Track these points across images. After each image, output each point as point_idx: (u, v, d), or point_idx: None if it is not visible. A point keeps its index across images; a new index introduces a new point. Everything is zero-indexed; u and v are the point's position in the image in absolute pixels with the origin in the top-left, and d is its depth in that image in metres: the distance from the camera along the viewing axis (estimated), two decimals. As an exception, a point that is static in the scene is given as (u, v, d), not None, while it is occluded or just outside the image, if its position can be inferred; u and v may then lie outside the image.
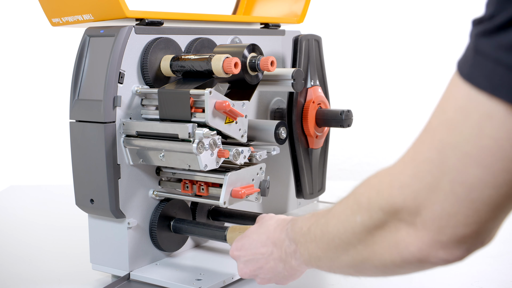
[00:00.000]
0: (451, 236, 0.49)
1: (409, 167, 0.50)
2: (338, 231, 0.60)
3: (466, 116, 0.45)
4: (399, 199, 0.51)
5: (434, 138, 0.48)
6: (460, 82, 0.46)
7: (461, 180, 0.46)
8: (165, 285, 0.95)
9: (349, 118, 1.21)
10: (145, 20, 0.98)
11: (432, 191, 0.48)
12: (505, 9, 0.43)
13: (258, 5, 1.34)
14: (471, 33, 0.46)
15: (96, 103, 0.94)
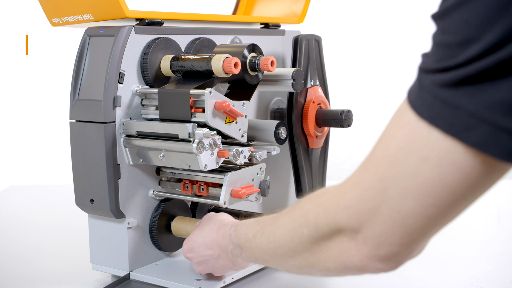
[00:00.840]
0: (387, 252, 0.56)
1: (354, 190, 0.57)
2: (286, 241, 0.66)
3: (405, 155, 0.52)
4: (344, 218, 0.58)
5: (378, 169, 0.54)
6: (408, 109, 0.52)
7: (398, 209, 0.53)
8: (165, 285, 0.95)
9: (349, 118, 1.21)
10: (145, 20, 0.98)
11: (373, 215, 0.55)
12: (442, 56, 0.48)
13: (258, 5, 1.34)
14: (419, 65, 0.52)
15: (96, 103, 0.94)
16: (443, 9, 0.49)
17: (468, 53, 0.46)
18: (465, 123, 0.47)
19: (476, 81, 0.46)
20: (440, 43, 0.49)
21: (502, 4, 0.45)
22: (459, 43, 0.47)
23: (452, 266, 1.07)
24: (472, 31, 0.46)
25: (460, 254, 1.16)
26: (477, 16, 0.46)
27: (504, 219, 1.39)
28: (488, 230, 1.33)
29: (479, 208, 1.42)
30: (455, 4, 0.48)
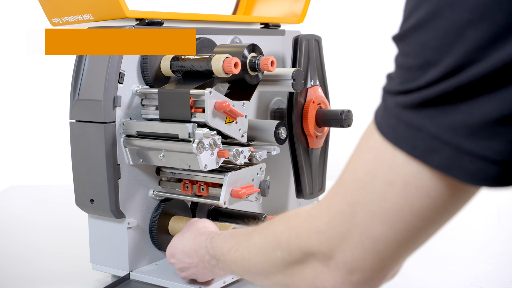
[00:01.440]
0: (360, 278, 0.56)
1: (325, 215, 0.57)
2: (259, 261, 0.66)
3: (372, 179, 0.52)
4: (315, 243, 0.57)
5: (347, 194, 0.54)
6: (374, 131, 0.52)
7: (368, 234, 0.53)
8: (165, 285, 0.95)
9: (349, 118, 1.21)
10: (145, 20, 0.98)
11: (344, 240, 0.55)
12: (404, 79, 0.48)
13: (258, 5, 1.34)
14: (383, 85, 0.52)
15: (96, 103, 0.94)
16: (402, 31, 0.49)
17: (428, 77, 0.46)
18: (428, 146, 0.47)
19: (437, 103, 0.46)
20: (401, 66, 0.49)
21: (458, 28, 0.44)
22: (419, 66, 0.47)
23: (452, 266, 1.07)
24: (431, 54, 0.46)
25: (460, 254, 1.16)
26: (434, 39, 0.46)
27: (504, 219, 1.39)
28: (488, 230, 1.33)
29: (479, 208, 1.42)
30: (413, 27, 0.47)
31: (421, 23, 0.47)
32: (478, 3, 0.43)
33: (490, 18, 0.43)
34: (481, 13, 0.43)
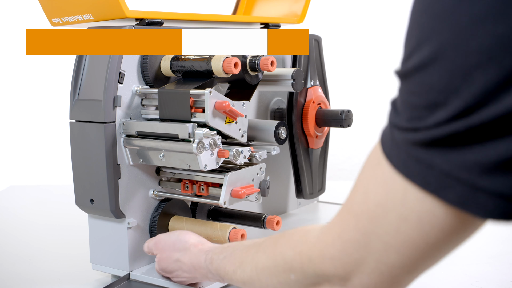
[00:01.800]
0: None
1: (337, 242, 0.57)
2: (272, 282, 0.67)
3: (384, 213, 0.52)
4: (330, 269, 0.58)
5: (358, 223, 0.54)
6: (383, 159, 0.51)
7: (384, 261, 0.53)
8: (165, 285, 0.95)
9: (349, 118, 1.21)
10: (145, 20, 0.98)
11: (360, 265, 0.55)
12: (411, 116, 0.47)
13: (258, 5, 1.34)
14: (389, 115, 0.51)
15: (96, 103, 0.94)
16: (405, 70, 0.48)
17: (436, 117, 0.45)
18: (441, 182, 0.46)
19: (448, 143, 0.45)
20: (407, 102, 0.48)
21: (465, 70, 0.43)
22: (426, 106, 0.46)
23: (452, 266, 1.07)
24: (437, 96, 0.45)
25: (460, 254, 1.16)
26: (440, 81, 0.44)
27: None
28: (488, 230, 1.33)
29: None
30: (417, 67, 0.46)
31: (425, 63, 0.46)
32: (485, 46, 0.42)
33: (498, 62, 0.42)
34: (488, 57, 0.42)
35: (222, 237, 0.96)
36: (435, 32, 0.45)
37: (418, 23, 0.47)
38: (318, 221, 1.27)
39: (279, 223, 1.02)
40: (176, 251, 0.89)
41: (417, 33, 0.47)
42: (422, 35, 0.46)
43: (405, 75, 0.48)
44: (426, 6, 0.46)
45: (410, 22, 0.49)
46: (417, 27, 0.47)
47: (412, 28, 0.48)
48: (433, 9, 0.45)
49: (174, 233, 0.92)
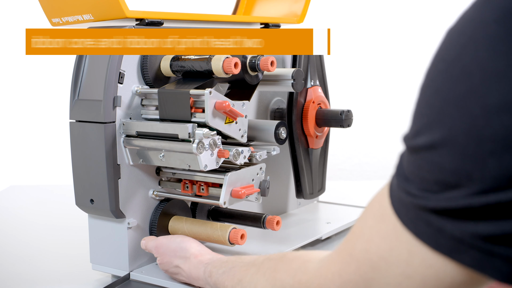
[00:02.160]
0: None
1: (337, 279, 0.56)
2: None
3: (388, 267, 0.50)
4: None
5: (359, 269, 0.53)
6: (390, 210, 0.50)
7: None
8: (165, 285, 0.95)
9: (349, 118, 1.21)
10: (145, 20, 0.98)
11: None
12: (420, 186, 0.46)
13: (258, 5, 1.34)
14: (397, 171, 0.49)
15: (96, 103, 0.94)
16: (414, 145, 0.47)
17: (448, 195, 0.44)
18: (454, 246, 0.45)
19: (460, 215, 0.44)
20: (416, 174, 0.47)
21: (479, 157, 0.42)
22: (436, 182, 0.45)
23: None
24: (448, 176, 0.44)
25: None
26: (451, 163, 0.43)
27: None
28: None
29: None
30: (427, 147, 0.45)
31: (435, 145, 0.45)
32: (500, 136, 0.41)
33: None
34: (503, 145, 0.41)
35: (222, 237, 0.96)
36: (447, 116, 0.44)
37: (429, 103, 0.46)
38: (318, 221, 1.27)
39: (279, 223, 1.02)
40: (177, 258, 0.91)
41: (428, 112, 0.46)
42: (433, 116, 0.45)
43: (414, 150, 0.47)
44: (439, 88, 0.45)
45: (421, 97, 0.47)
46: (428, 106, 0.46)
47: (423, 105, 0.47)
48: (446, 94, 0.44)
49: (176, 239, 0.93)
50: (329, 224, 1.24)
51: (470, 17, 0.44)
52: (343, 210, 1.36)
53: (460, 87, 0.43)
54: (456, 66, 0.44)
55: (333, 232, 1.21)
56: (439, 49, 0.47)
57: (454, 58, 0.44)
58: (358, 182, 1.98)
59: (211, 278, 0.82)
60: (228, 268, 0.79)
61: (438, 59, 0.46)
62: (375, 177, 2.30)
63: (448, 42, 0.46)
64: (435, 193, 0.45)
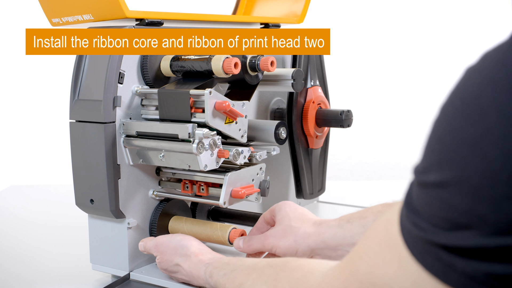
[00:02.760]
0: None
1: None
2: None
3: None
4: None
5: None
6: (399, 237, 0.49)
7: None
8: (165, 285, 0.95)
9: (349, 118, 1.21)
10: (145, 20, 0.98)
11: None
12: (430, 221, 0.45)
13: (258, 5, 1.34)
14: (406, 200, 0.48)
15: (96, 103, 0.94)
16: (424, 181, 0.46)
17: (458, 234, 0.43)
18: (465, 282, 0.43)
19: (472, 255, 0.43)
20: (425, 209, 0.46)
21: (493, 200, 0.41)
22: (445, 220, 0.44)
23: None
24: (458, 216, 0.43)
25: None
26: (462, 204, 0.42)
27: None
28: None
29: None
30: (437, 185, 0.44)
31: (447, 183, 0.43)
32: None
33: None
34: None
35: (222, 237, 0.96)
36: (460, 156, 0.43)
37: (442, 140, 0.45)
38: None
39: (279, 223, 1.02)
40: (177, 256, 0.90)
41: (440, 149, 0.45)
42: (445, 154, 0.44)
43: (424, 185, 0.46)
44: (454, 126, 0.44)
45: (434, 133, 0.46)
46: (441, 143, 0.45)
47: (435, 141, 0.46)
48: (461, 133, 0.43)
49: (176, 237, 0.92)
50: (329, 224, 1.24)
51: (493, 58, 0.44)
52: (343, 210, 1.36)
53: (476, 128, 0.42)
54: (473, 106, 0.43)
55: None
56: (457, 87, 0.45)
57: (471, 97, 0.43)
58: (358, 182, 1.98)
59: (211, 279, 0.82)
60: (229, 270, 0.79)
61: (455, 97, 0.45)
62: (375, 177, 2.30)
63: (467, 80, 0.45)
64: (445, 230, 0.44)
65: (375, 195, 1.62)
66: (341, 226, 0.85)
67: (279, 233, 0.89)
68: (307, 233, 0.87)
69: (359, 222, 0.84)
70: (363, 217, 0.84)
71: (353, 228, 0.84)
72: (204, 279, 0.85)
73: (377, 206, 0.85)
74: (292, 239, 0.87)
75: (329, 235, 0.85)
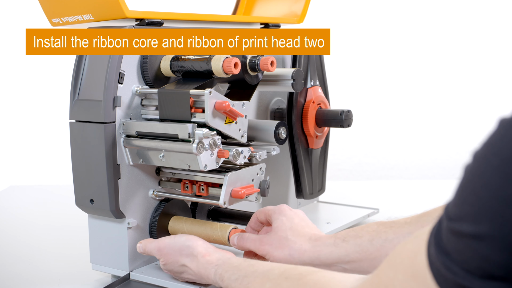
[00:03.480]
0: None
1: None
2: None
3: None
4: None
5: None
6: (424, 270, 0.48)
7: None
8: (165, 285, 0.95)
9: (349, 118, 1.21)
10: (145, 20, 0.98)
11: None
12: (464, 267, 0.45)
13: (258, 5, 1.34)
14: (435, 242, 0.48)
15: (96, 103, 0.94)
16: (457, 229, 0.45)
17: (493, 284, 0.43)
18: None
19: None
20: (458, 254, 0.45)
21: None
22: (479, 268, 0.43)
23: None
24: (493, 268, 0.43)
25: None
26: (498, 258, 0.42)
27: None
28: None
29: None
30: (471, 236, 0.44)
31: (483, 237, 0.43)
32: None
33: None
34: None
35: (222, 237, 0.96)
36: (497, 213, 0.43)
37: (477, 193, 0.44)
38: (318, 221, 1.27)
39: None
40: (183, 257, 0.90)
41: (475, 202, 0.44)
42: (481, 208, 0.44)
43: (456, 233, 0.46)
44: (490, 183, 0.44)
45: (468, 184, 0.46)
46: (476, 196, 0.44)
47: (470, 193, 0.45)
48: (497, 190, 0.43)
49: (180, 238, 0.92)
50: (329, 224, 1.24)
51: None
52: (343, 210, 1.36)
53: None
54: (511, 165, 0.43)
55: (333, 232, 1.21)
56: (492, 141, 0.45)
57: (509, 156, 0.43)
58: (358, 182, 1.98)
59: (222, 282, 0.82)
60: (240, 276, 0.78)
61: (492, 152, 0.45)
62: (375, 177, 2.30)
63: (504, 135, 0.44)
64: (479, 278, 0.44)
65: (375, 195, 1.62)
66: (336, 245, 0.86)
67: (275, 242, 0.90)
68: (302, 249, 0.88)
69: (355, 241, 0.85)
70: (359, 236, 0.85)
71: (348, 247, 0.85)
72: (214, 280, 0.85)
73: (372, 224, 0.86)
74: (288, 252, 0.88)
75: (324, 253, 0.86)
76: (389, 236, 0.83)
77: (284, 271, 0.72)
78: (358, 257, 0.84)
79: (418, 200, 1.56)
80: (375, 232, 0.84)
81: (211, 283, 0.86)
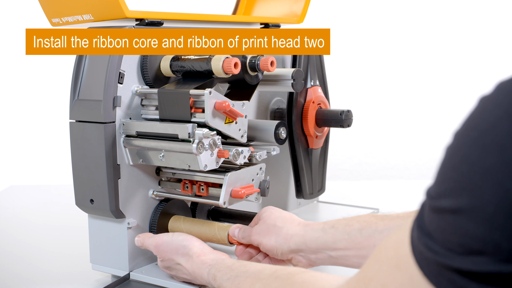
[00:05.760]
0: None
1: None
2: None
3: None
4: None
5: None
6: (410, 260, 0.49)
7: None
8: (165, 285, 0.95)
9: (349, 118, 1.21)
10: (145, 20, 0.98)
11: None
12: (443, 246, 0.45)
13: (258, 5, 1.34)
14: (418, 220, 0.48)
15: (96, 103, 0.94)
16: (437, 206, 0.46)
17: (472, 259, 0.43)
18: None
19: (485, 280, 0.43)
20: (438, 232, 0.46)
21: (509, 227, 0.41)
22: (459, 244, 0.44)
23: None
24: (473, 242, 0.43)
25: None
26: (477, 231, 0.43)
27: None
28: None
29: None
30: (451, 211, 0.44)
31: (462, 210, 0.44)
32: None
33: None
34: None
35: (221, 237, 0.96)
36: (475, 185, 0.43)
37: (456, 168, 0.45)
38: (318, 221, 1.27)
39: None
40: (178, 256, 0.90)
41: (454, 177, 0.45)
42: (459, 182, 0.44)
43: (437, 210, 0.46)
44: (468, 156, 0.44)
45: (447, 159, 0.47)
46: (455, 171, 0.45)
47: (449, 168, 0.46)
48: (476, 163, 0.43)
49: (178, 237, 0.92)
50: (329, 224, 1.24)
51: (509, 90, 0.44)
52: (343, 210, 1.36)
53: (492, 158, 0.43)
54: (488, 136, 0.43)
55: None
56: (472, 116, 0.46)
57: (487, 128, 0.44)
58: (358, 182, 1.98)
59: (215, 282, 0.82)
60: (232, 275, 0.79)
61: (470, 126, 0.46)
62: (375, 177, 2.30)
63: (482, 110, 0.45)
64: (459, 255, 0.44)
65: (375, 195, 1.62)
66: (324, 230, 0.85)
67: (263, 230, 0.90)
68: (289, 234, 0.88)
69: (344, 229, 0.84)
70: (349, 224, 0.85)
71: (337, 233, 0.84)
72: (207, 280, 0.85)
73: (364, 216, 0.86)
74: (274, 239, 0.89)
75: (311, 238, 0.86)
76: (379, 227, 0.83)
77: (275, 271, 0.72)
78: (345, 245, 0.83)
79: (418, 200, 1.56)
80: (365, 222, 0.84)
81: (204, 283, 0.86)
